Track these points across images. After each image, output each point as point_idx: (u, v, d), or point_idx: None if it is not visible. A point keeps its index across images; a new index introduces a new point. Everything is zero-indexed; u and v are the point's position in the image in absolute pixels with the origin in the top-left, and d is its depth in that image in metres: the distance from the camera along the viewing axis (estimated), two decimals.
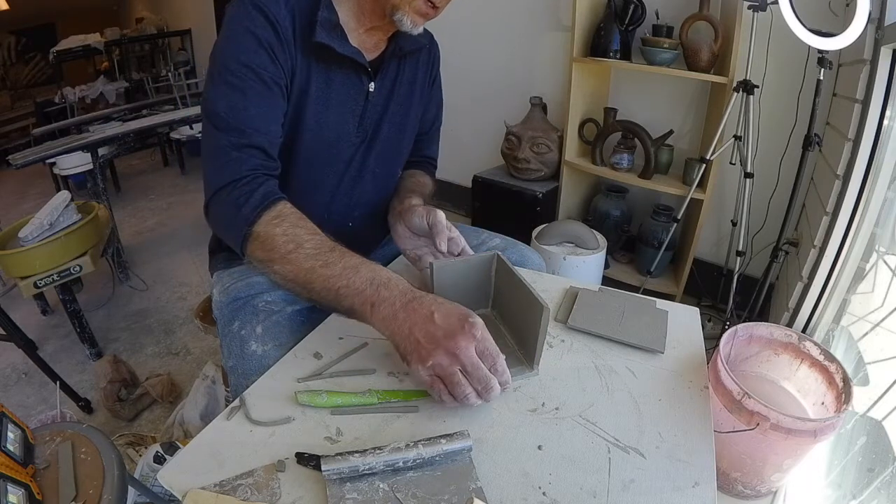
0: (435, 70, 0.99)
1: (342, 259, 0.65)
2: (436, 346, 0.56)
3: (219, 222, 0.74)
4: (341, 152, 0.88)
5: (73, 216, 1.73)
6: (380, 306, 0.61)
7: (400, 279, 0.64)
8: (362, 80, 0.84)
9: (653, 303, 0.83)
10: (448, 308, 0.59)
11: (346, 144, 0.87)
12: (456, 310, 0.59)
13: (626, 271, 2.07)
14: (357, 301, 0.62)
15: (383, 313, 0.61)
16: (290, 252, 0.66)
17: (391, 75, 0.88)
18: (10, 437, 0.65)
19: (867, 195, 1.05)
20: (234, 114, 0.71)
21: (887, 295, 1.04)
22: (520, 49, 2.31)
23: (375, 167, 0.93)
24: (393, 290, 0.62)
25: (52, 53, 4.02)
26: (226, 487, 0.50)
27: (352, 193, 0.92)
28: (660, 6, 1.81)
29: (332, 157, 0.87)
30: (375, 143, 0.91)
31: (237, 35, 0.72)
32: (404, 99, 0.92)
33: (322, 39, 0.75)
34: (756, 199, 1.68)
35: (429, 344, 0.57)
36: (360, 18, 0.80)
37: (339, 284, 0.63)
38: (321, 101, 0.81)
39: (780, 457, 0.78)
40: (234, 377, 0.78)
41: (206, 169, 0.73)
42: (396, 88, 0.90)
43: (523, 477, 0.53)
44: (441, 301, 0.61)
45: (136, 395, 1.56)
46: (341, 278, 0.63)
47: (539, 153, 2.03)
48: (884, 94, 1.04)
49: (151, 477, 1.14)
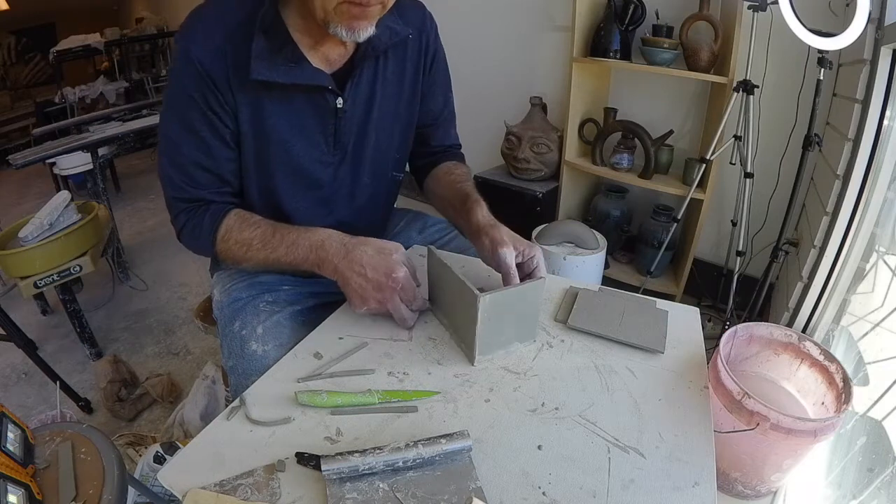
0: (430, 55, 0.90)
1: (283, 240, 0.76)
2: (368, 296, 0.72)
3: (192, 249, 0.86)
4: (320, 177, 0.85)
5: (73, 216, 1.73)
6: (323, 265, 0.74)
7: (332, 236, 0.76)
8: (327, 99, 0.79)
9: (653, 303, 0.83)
10: (376, 261, 0.72)
11: (322, 167, 0.84)
12: (382, 262, 0.72)
13: (626, 271, 2.07)
14: (307, 266, 0.76)
15: (327, 270, 0.74)
16: (246, 253, 0.78)
17: (367, 79, 0.82)
18: (10, 437, 0.65)
19: (867, 195, 1.05)
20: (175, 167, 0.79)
21: (887, 295, 1.03)
22: (520, 49, 2.30)
23: (367, 177, 0.90)
24: (329, 248, 0.74)
25: (52, 53, 4.01)
26: (226, 487, 0.51)
27: (350, 207, 0.90)
28: (660, 6, 1.81)
29: (312, 183, 0.85)
30: (362, 156, 0.87)
31: (174, 94, 0.76)
32: (391, 98, 0.87)
33: (261, 76, 0.72)
34: (756, 199, 1.67)
35: (364, 293, 0.72)
36: (311, 32, 0.75)
37: (289, 260, 0.76)
38: (282, 131, 0.79)
39: (780, 457, 0.78)
40: (235, 377, 0.78)
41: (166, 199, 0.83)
42: (378, 90, 0.84)
43: (523, 477, 0.53)
44: (370, 252, 0.73)
45: (136, 395, 1.56)
46: (288, 255, 0.76)
47: (539, 153, 2.03)
48: (884, 94, 1.04)
49: (151, 477, 1.14)
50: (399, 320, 0.74)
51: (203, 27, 0.73)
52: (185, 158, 0.77)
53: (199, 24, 0.73)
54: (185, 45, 0.72)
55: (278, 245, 0.76)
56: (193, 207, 0.81)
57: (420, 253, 0.95)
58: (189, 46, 0.72)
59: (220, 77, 0.73)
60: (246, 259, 0.79)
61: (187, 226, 0.81)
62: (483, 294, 0.63)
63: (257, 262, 0.78)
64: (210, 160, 0.78)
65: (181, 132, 0.76)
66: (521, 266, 0.76)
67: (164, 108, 0.78)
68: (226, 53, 0.72)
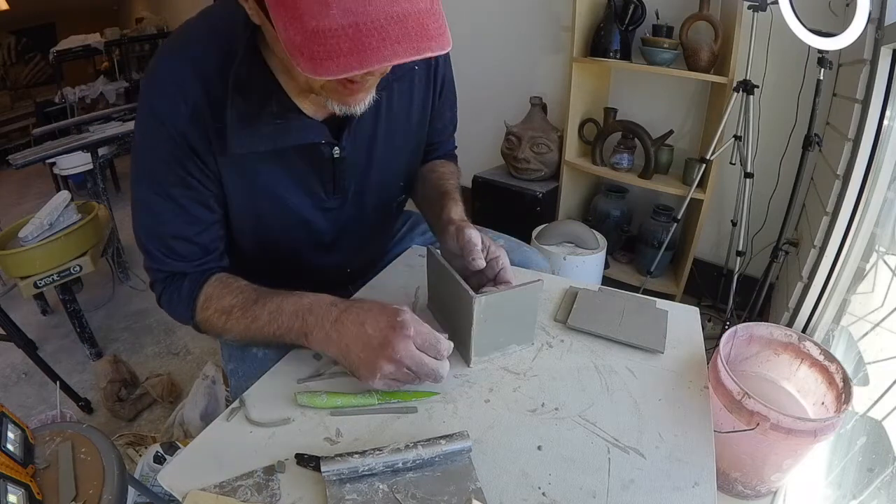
0: (439, 79, 0.83)
1: (265, 307, 0.66)
2: (376, 356, 0.58)
3: (171, 316, 0.75)
4: (320, 224, 0.80)
5: (72, 216, 1.73)
6: (312, 333, 0.62)
7: (321, 298, 0.65)
8: (322, 150, 0.71)
9: (653, 303, 0.83)
10: (375, 314, 0.60)
11: (322, 213, 0.79)
12: (383, 313, 0.60)
13: (626, 271, 2.07)
14: (293, 337, 0.64)
15: (318, 338, 0.62)
16: (226, 323, 0.68)
17: (368, 119, 0.73)
18: (10, 437, 0.65)
19: (867, 195, 1.05)
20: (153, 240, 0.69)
21: (887, 295, 1.03)
22: (520, 49, 2.30)
23: (372, 213, 0.85)
24: (317, 313, 0.63)
25: (52, 53, 4.01)
26: (226, 488, 0.51)
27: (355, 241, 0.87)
28: (660, 6, 1.81)
29: (313, 230, 0.80)
30: (364, 196, 0.81)
31: (145, 157, 0.66)
32: (397, 132, 0.79)
33: (241, 150, 0.64)
34: (756, 199, 1.67)
35: (370, 356, 0.58)
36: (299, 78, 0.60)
37: (272, 330, 0.65)
38: (275, 187, 0.72)
39: (780, 457, 0.78)
40: (235, 380, 0.78)
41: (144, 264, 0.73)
42: (381, 128, 0.76)
43: (523, 477, 0.53)
44: (366, 307, 0.61)
45: (136, 395, 1.56)
46: (271, 324, 0.65)
47: (539, 153, 2.03)
48: (884, 94, 1.04)
49: (151, 477, 1.14)
50: (426, 375, 0.59)
51: (173, 80, 0.62)
52: (164, 230, 0.68)
53: (167, 77, 0.62)
54: (152, 102, 0.62)
55: (260, 313, 0.65)
56: (171, 276, 0.72)
57: (420, 253, 0.95)
58: (157, 105, 0.62)
59: (197, 142, 0.64)
60: (226, 330, 0.68)
61: (166, 293, 0.72)
62: (479, 295, 0.63)
63: (238, 334, 0.68)
64: (192, 228, 0.69)
65: (157, 200, 0.66)
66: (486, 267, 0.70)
67: (136, 173, 0.67)
68: (202, 115, 0.62)
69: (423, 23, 0.47)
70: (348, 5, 0.44)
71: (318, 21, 0.44)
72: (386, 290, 0.85)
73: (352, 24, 0.44)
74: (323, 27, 0.44)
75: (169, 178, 0.65)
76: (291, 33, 0.46)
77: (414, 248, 0.98)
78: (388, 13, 0.45)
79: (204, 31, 0.65)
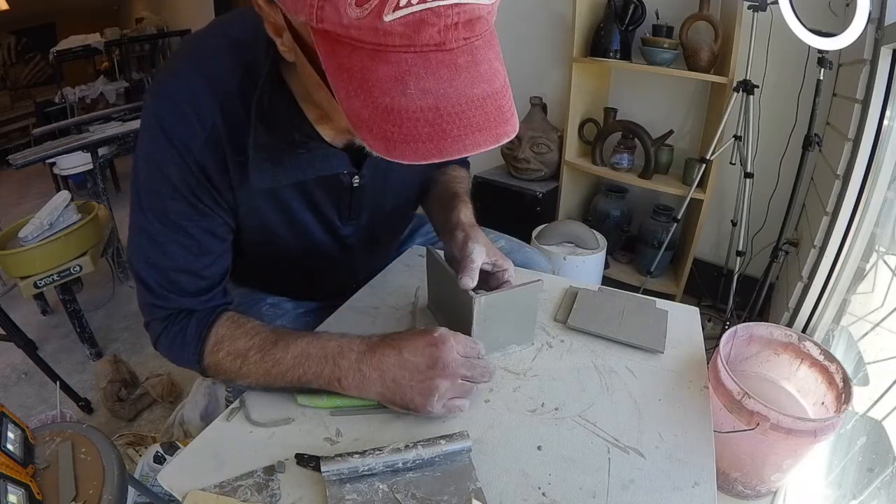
0: None
1: (288, 350, 0.60)
2: (430, 378, 0.56)
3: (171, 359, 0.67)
4: (331, 249, 0.78)
5: (72, 216, 1.73)
6: (346, 378, 0.59)
7: (350, 340, 0.61)
8: (341, 179, 0.69)
9: (653, 303, 0.83)
10: (409, 338, 0.59)
11: (334, 239, 0.77)
12: (418, 336, 0.59)
13: (626, 271, 2.07)
14: (322, 383, 0.60)
15: (353, 383, 0.58)
16: (240, 368, 0.62)
17: None
18: (10, 437, 0.65)
19: (867, 195, 1.05)
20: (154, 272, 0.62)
21: (887, 295, 1.03)
22: (519, 49, 2.30)
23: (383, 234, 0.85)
24: (349, 355, 0.59)
25: (52, 53, 4.01)
26: (226, 488, 0.51)
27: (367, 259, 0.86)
28: (660, 6, 1.81)
29: (325, 254, 0.78)
30: (377, 219, 0.80)
31: (151, 179, 0.59)
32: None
33: (263, 184, 0.60)
34: (756, 199, 1.67)
35: (422, 380, 0.56)
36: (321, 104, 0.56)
37: (297, 375, 0.60)
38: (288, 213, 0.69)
39: (780, 457, 0.78)
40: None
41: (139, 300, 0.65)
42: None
43: (523, 477, 0.53)
44: (395, 336, 0.60)
45: (136, 395, 1.56)
46: (296, 369, 0.60)
47: (539, 153, 2.03)
48: (884, 94, 1.04)
49: (151, 477, 1.14)
50: (481, 375, 0.60)
51: (188, 97, 0.56)
52: (168, 261, 0.61)
53: (181, 93, 0.56)
54: (162, 120, 0.56)
55: (282, 356, 0.60)
56: (174, 314, 0.64)
57: (419, 253, 0.95)
58: (168, 124, 0.56)
59: (214, 170, 0.59)
60: (241, 375, 0.62)
61: (166, 335, 0.64)
62: (478, 295, 0.63)
63: (256, 379, 0.61)
64: (201, 261, 0.63)
65: (162, 230, 0.60)
66: (491, 277, 0.70)
67: (138, 197, 0.60)
68: (219, 141, 0.57)
69: (500, 105, 0.43)
70: (427, 85, 0.40)
71: (391, 98, 0.40)
72: (386, 290, 0.85)
73: (431, 108, 0.40)
74: (398, 106, 0.40)
75: (178, 203, 0.59)
76: (357, 106, 0.41)
77: (414, 248, 0.98)
78: (469, 96, 0.41)
79: (223, 46, 0.58)
